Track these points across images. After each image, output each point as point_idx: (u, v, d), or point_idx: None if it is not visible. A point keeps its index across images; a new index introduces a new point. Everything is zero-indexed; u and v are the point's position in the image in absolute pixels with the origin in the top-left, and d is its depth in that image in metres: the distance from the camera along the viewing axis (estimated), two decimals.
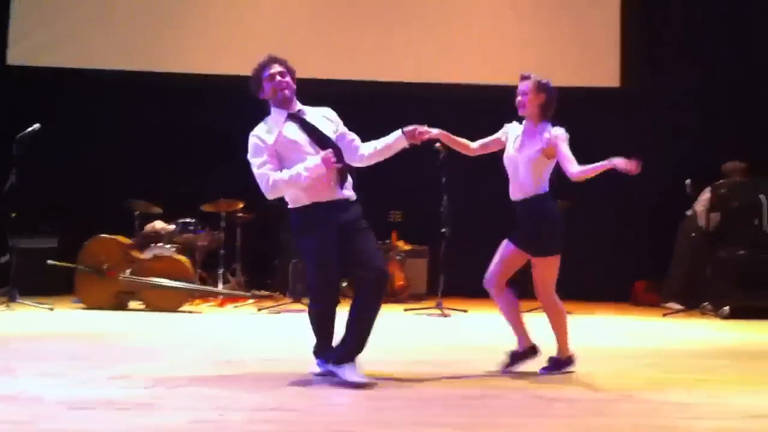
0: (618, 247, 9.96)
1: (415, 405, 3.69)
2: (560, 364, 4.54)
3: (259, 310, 7.86)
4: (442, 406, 3.67)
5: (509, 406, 3.72)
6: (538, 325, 4.72)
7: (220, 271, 8.65)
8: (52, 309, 7.36)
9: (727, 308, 8.22)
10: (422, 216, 8.74)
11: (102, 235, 7.83)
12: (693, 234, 8.98)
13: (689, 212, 9.15)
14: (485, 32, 10.00)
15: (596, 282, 9.78)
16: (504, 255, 4.59)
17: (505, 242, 4.61)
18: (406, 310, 8.19)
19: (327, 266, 4.20)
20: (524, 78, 4.51)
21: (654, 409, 3.70)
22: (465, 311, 8.06)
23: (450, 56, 9.92)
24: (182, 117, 9.41)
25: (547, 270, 4.46)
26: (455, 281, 8.48)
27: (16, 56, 9.49)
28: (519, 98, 4.52)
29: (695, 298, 8.71)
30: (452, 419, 3.38)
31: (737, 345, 6.20)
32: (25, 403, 3.50)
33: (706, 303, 8.59)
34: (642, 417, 3.54)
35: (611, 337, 6.58)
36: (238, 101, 9.12)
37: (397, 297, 9.08)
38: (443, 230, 7.94)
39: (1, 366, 4.35)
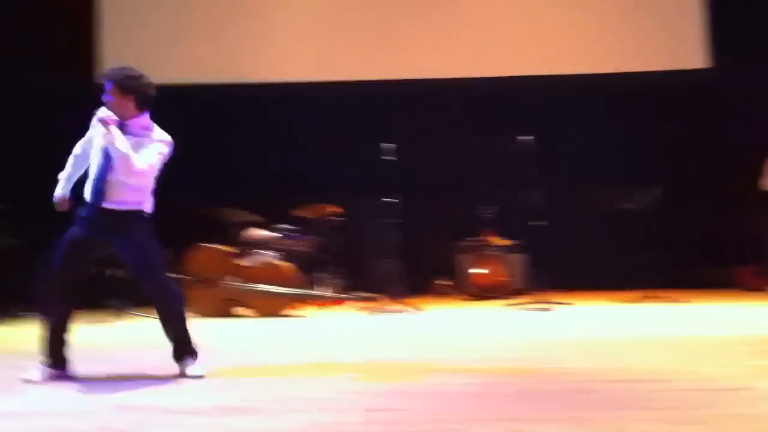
0: (715, 234, 9.67)
1: (516, 401, 3.69)
2: None
3: (360, 311, 7.97)
4: (544, 402, 3.65)
5: (608, 400, 3.67)
6: None
7: (319, 275, 8.80)
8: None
9: None
10: (516, 210, 8.71)
11: (204, 244, 8.09)
12: None
13: None
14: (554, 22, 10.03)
15: (692, 269, 9.54)
16: None
17: None
18: (507, 305, 8.18)
19: None
20: None
21: (759, 398, 3.60)
22: (570, 304, 7.99)
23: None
24: (268, 123, 9.61)
25: None
26: (553, 275, 8.42)
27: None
28: None
29: None
30: (553, 414, 3.37)
31: None
32: (123, 411, 3.57)
33: None
34: (745, 406, 3.45)
35: (715, 326, 6.39)
36: (318, 107, 9.37)
37: (498, 293, 9.06)
38: (539, 224, 7.90)
39: (107, 376, 4.50)
